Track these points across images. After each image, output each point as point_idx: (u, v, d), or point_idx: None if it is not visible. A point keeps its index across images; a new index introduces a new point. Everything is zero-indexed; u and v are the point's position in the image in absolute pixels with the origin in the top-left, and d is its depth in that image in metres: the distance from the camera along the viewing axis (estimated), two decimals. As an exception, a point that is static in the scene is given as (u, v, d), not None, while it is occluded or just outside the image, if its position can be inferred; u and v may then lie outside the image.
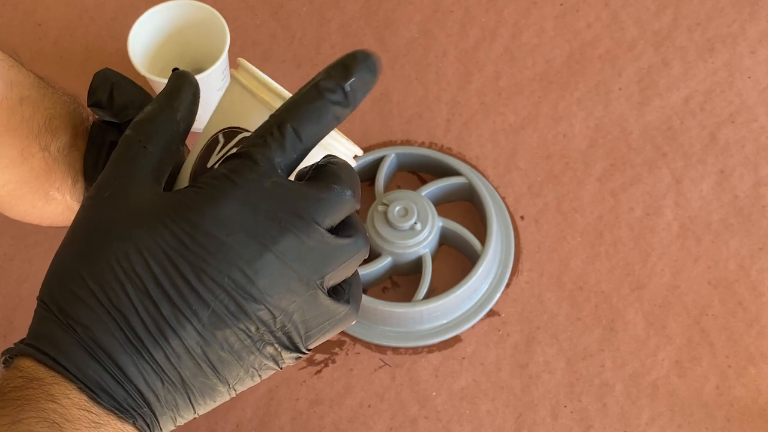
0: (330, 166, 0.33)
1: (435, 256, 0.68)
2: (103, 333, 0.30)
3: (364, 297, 0.64)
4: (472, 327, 0.65)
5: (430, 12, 0.80)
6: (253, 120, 0.35)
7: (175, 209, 0.31)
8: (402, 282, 0.68)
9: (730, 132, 0.72)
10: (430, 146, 0.73)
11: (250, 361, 0.32)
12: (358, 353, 0.65)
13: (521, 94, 0.75)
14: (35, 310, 0.32)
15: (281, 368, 0.34)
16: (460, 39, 0.78)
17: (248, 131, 0.35)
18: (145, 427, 0.31)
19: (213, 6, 0.70)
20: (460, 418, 0.62)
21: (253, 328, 0.31)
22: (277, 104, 0.34)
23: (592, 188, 0.70)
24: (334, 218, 0.32)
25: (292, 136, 0.31)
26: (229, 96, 0.37)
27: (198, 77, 0.66)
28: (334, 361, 0.65)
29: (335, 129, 0.34)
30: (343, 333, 0.66)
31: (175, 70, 0.38)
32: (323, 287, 0.32)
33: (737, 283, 0.65)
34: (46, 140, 0.43)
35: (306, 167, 0.33)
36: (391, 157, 0.70)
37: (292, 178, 0.33)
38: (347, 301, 0.34)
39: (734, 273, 0.66)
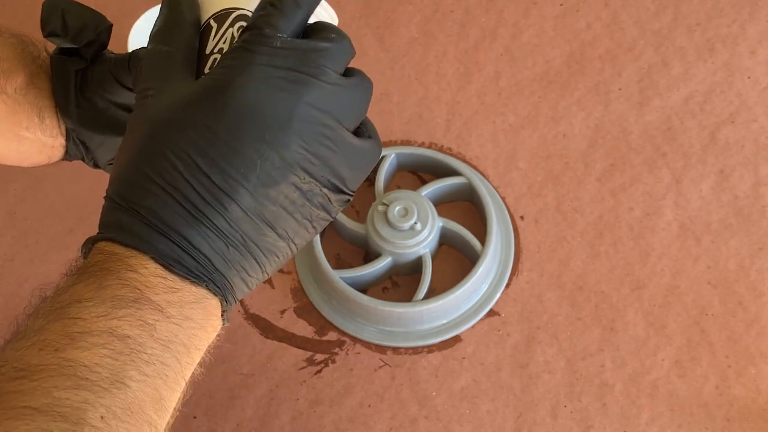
0: (320, 23, 0.36)
1: (435, 256, 0.68)
2: (167, 211, 0.33)
3: (364, 297, 0.64)
4: (472, 327, 0.65)
5: (430, 12, 0.80)
6: None
7: (208, 89, 0.34)
8: (402, 282, 0.68)
9: (730, 132, 0.72)
10: (430, 146, 0.73)
11: (303, 212, 0.35)
12: (358, 353, 0.65)
13: (521, 94, 0.75)
14: (103, 207, 0.35)
15: (333, 217, 0.37)
16: (460, 39, 0.78)
17: (239, 8, 0.38)
18: (218, 290, 0.34)
19: None
20: (460, 418, 0.62)
21: (299, 180, 0.34)
22: None
23: (592, 188, 0.70)
24: (342, 63, 0.35)
25: (290, 3, 0.35)
26: None
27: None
28: (334, 361, 0.65)
29: None
30: (343, 333, 0.66)
31: None
32: (348, 129, 0.36)
33: (737, 283, 0.65)
34: (0, 84, 0.45)
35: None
36: (391, 157, 0.70)
37: None
38: (369, 137, 0.37)
39: (734, 273, 0.66)
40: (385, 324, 0.65)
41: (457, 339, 0.65)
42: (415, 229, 0.65)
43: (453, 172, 0.70)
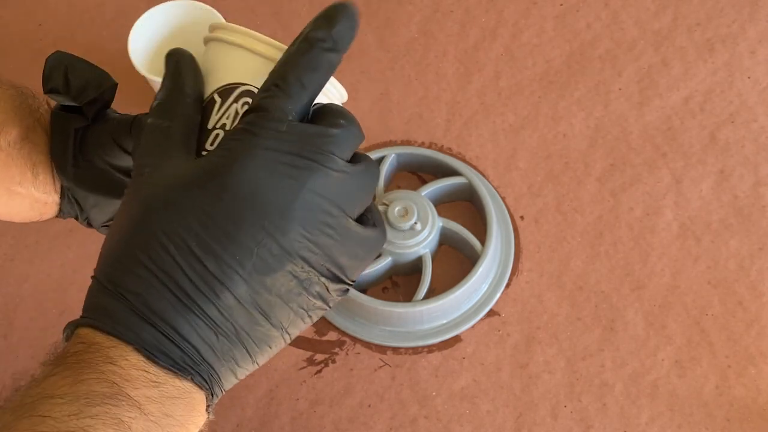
0: (328, 106, 0.35)
1: (435, 256, 0.68)
2: (155, 297, 0.31)
3: (364, 297, 0.64)
4: (472, 327, 0.65)
5: (430, 12, 0.80)
6: (246, 72, 0.37)
7: (207, 172, 0.33)
8: (402, 282, 0.68)
9: (730, 132, 0.72)
10: (430, 146, 0.73)
11: (299, 301, 0.34)
12: (358, 353, 0.65)
13: (521, 94, 0.75)
14: (89, 288, 0.34)
15: (330, 306, 0.35)
16: (460, 39, 0.78)
17: (244, 84, 0.37)
18: (204, 383, 0.32)
19: (213, 6, 0.70)
20: (460, 418, 0.62)
21: (297, 268, 0.33)
22: (268, 50, 0.36)
23: (592, 188, 0.70)
24: (349, 150, 0.34)
25: (296, 85, 0.34)
26: (213, 57, 0.38)
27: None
28: (334, 361, 0.65)
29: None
30: (343, 333, 0.66)
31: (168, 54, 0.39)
32: (352, 217, 0.35)
33: (737, 283, 0.65)
34: None
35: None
36: (391, 157, 0.70)
37: None
38: (374, 225, 0.36)
39: (734, 273, 0.66)
40: (385, 324, 0.65)
41: (457, 339, 0.65)
42: (415, 229, 0.65)
43: (453, 172, 0.70)
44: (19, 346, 0.66)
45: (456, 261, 0.68)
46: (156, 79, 0.66)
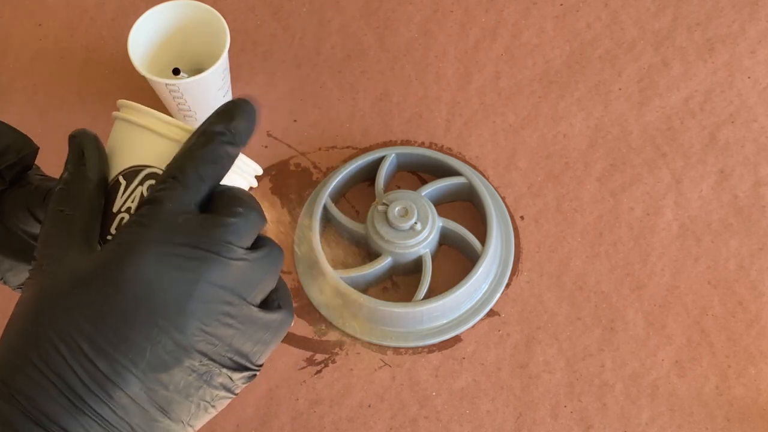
0: (229, 191, 0.34)
1: (435, 256, 0.68)
2: (45, 399, 0.30)
3: (365, 297, 0.64)
4: (472, 327, 0.65)
5: (430, 12, 0.80)
6: (151, 154, 0.36)
7: (99, 267, 0.32)
8: (402, 282, 0.68)
9: (730, 132, 0.72)
10: (430, 146, 0.73)
11: (201, 395, 0.33)
12: (358, 353, 0.65)
13: (521, 94, 0.75)
14: None
15: (236, 394, 0.34)
16: (460, 39, 0.78)
17: (149, 166, 0.36)
18: None
19: (213, 6, 0.70)
20: (460, 418, 0.62)
21: (196, 363, 0.32)
22: (173, 132, 0.35)
23: (592, 188, 0.70)
24: (248, 237, 0.33)
25: (194, 176, 0.33)
26: (119, 137, 0.37)
27: (198, 77, 0.66)
28: (334, 361, 0.65)
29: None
30: (343, 333, 0.66)
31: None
32: (254, 303, 0.33)
33: (737, 283, 0.65)
34: None
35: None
36: (391, 157, 0.70)
37: None
38: (279, 308, 0.35)
39: (734, 273, 0.66)
40: (385, 324, 0.65)
41: (457, 339, 0.65)
42: (415, 229, 0.65)
43: (453, 172, 0.70)
44: (19, 346, 0.66)
45: (456, 261, 0.68)
46: (156, 79, 0.66)
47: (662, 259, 0.67)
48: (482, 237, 0.66)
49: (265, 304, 0.35)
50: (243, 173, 0.37)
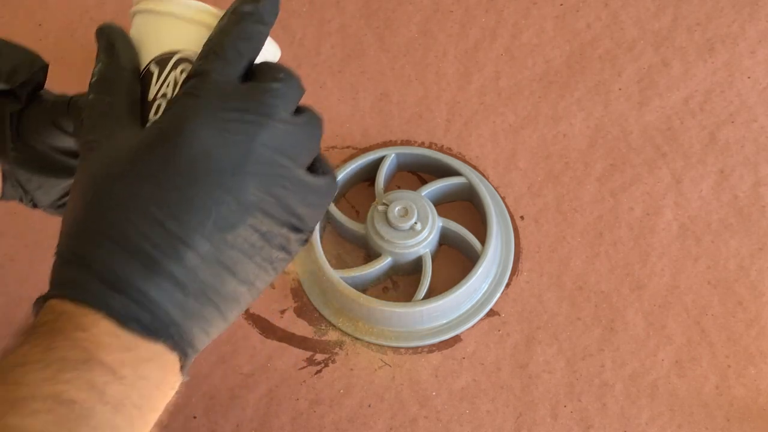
0: (266, 63, 0.36)
1: (435, 256, 0.68)
2: (120, 264, 0.32)
3: (365, 297, 0.64)
4: (472, 327, 0.65)
5: (430, 12, 0.80)
6: (180, 39, 0.37)
7: (157, 138, 0.33)
8: (402, 282, 0.68)
9: (729, 132, 0.72)
10: (430, 146, 0.73)
11: (263, 254, 0.34)
12: (358, 353, 0.65)
13: (521, 94, 0.75)
14: (53, 265, 0.34)
15: (292, 256, 0.36)
16: (460, 39, 0.78)
17: (179, 50, 0.37)
18: (176, 345, 0.33)
19: (213, 6, 0.70)
20: (460, 418, 0.62)
21: (257, 222, 0.33)
22: (199, 16, 0.37)
23: (592, 188, 0.70)
24: (293, 102, 0.35)
25: (233, 51, 0.34)
26: (143, 30, 0.38)
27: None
28: (334, 361, 0.65)
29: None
30: (343, 333, 0.66)
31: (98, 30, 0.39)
32: (302, 167, 0.35)
33: (737, 283, 0.65)
34: None
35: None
36: (391, 157, 0.70)
37: None
38: (324, 173, 0.37)
39: (734, 273, 0.66)
40: (385, 324, 0.65)
41: (457, 339, 0.65)
42: (415, 229, 0.65)
43: (453, 172, 0.70)
44: (19, 346, 0.66)
45: (456, 261, 0.68)
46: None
47: (662, 259, 0.67)
48: (482, 237, 0.66)
49: (311, 170, 0.36)
50: (267, 55, 0.38)
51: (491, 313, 0.66)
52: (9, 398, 0.29)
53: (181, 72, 0.36)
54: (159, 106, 0.36)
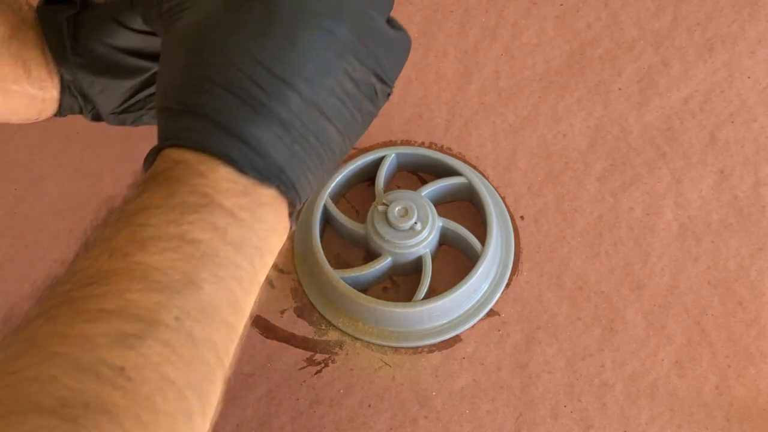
0: None
1: (435, 256, 0.68)
2: (232, 109, 0.33)
3: (364, 297, 0.64)
4: (472, 327, 0.65)
5: (430, 12, 0.80)
6: None
7: None
8: (402, 282, 0.68)
9: (729, 132, 0.72)
10: (430, 146, 0.73)
11: (355, 103, 0.36)
12: (358, 353, 0.65)
13: (521, 94, 0.75)
14: (159, 119, 0.35)
15: (378, 109, 0.37)
16: (460, 39, 0.78)
17: None
18: (287, 190, 0.34)
19: None
20: (460, 418, 0.62)
21: (350, 68, 0.35)
22: None
23: (592, 188, 0.70)
24: None
25: None
26: None
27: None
28: (334, 361, 0.65)
29: None
30: (343, 333, 0.66)
31: None
32: (384, 19, 0.37)
33: (737, 283, 0.65)
34: None
35: None
36: (391, 157, 0.70)
37: None
38: (400, 29, 0.38)
39: (734, 273, 0.66)
40: (385, 324, 0.65)
41: (457, 339, 0.65)
42: (415, 229, 0.65)
43: (453, 172, 0.70)
44: (19, 346, 0.66)
45: (456, 261, 0.68)
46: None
47: (662, 259, 0.67)
48: (482, 237, 0.66)
49: (390, 25, 0.38)
50: None
51: (491, 313, 0.66)
52: (136, 239, 0.30)
53: None
54: None
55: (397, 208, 0.65)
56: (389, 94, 0.38)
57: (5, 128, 0.77)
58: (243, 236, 0.32)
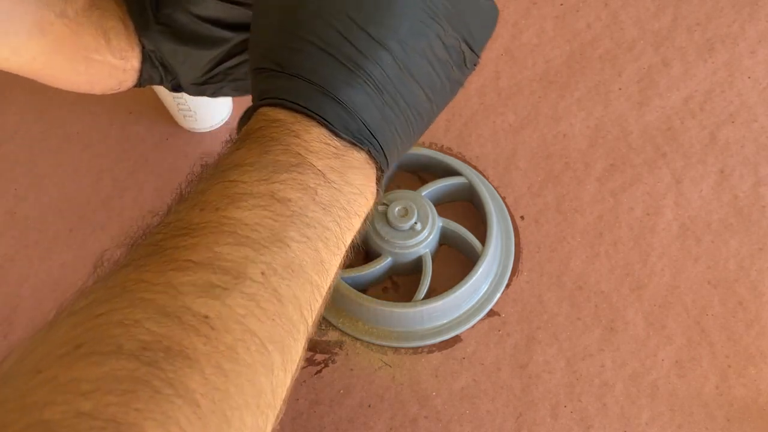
0: None
1: (435, 256, 0.68)
2: (328, 70, 0.33)
3: (364, 297, 0.64)
4: (472, 327, 0.65)
5: (430, 12, 0.80)
6: None
7: None
8: (402, 282, 0.68)
9: (730, 132, 0.72)
10: (430, 146, 0.73)
11: (445, 70, 0.35)
12: (358, 353, 0.65)
13: (521, 94, 0.75)
14: (252, 83, 0.35)
15: (465, 78, 0.37)
16: (460, 39, 0.78)
17: None
18: (377, 155, 0.34)
19: None
20: (460, 418, 0.62)
21: (443, 33, 0.34)
22: None
23: (592, 188, 0.70)
24: None
25: None
26: None
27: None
28: (334, 361, 0.65)
29: None
30: (343, 333, 0.66)
31: None
32: None
33: (737, 283, 0.65)
34: (60, 6, 0.43)
35: None
36: (391, 157, 0.70)
37: None
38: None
39: (734, 273, 0.66)
40: (385, 324, 0.65)
41: (457, 339, 0.65)
42: (415, 229, 0.65)
43: (453, 172, 0.70)
44: (19, 346, 0.66)
45: (456, 261, 0.68)
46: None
47: (662, 259, 0.67)
48: (482, 237, 0.66)
49: None
50: None
51: (491, 313, 0.66)
52: (228, 194, 0.31)
53: None
54: None
55: (397, 208, 0.65)
56: (476, 65, 0.38)
57: (5, 128, 0.77)
58: (332, 197, 0.33)
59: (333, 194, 0.33)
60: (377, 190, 0.36)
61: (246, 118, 0.35)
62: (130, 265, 0.29)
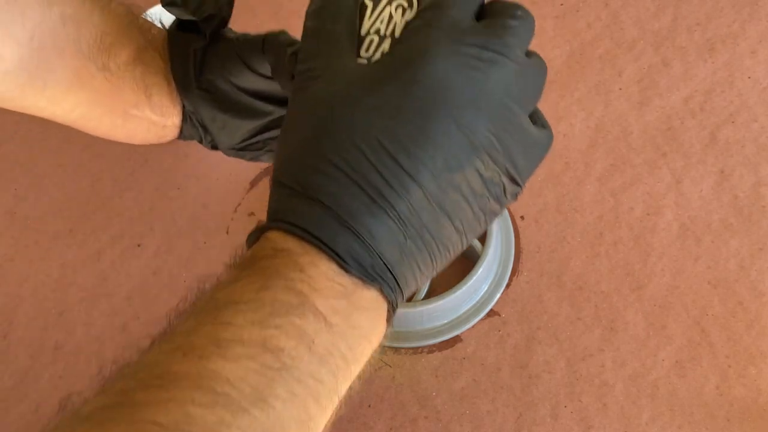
0: (500, 1, 0.34)
1: (435, 256, 0.68)
2: (349, 198, 0.30)
3: (364, 297, 0.64)
4: (472, 327, 0.65)
5: (430, 12, 0.80)
6: None
7: (392, 67, 0.32)
8: (402, 282, 0.68)
9: (730, 132, 0.72)
10: (430, 146, 0.73)
11: (480, 203, 0.33)
12: (358, 353, 0.65)
13: (521, 94, 0.75)
14: (271, 194, 0.32)
15: (502, 210, 0.34)
16: (460, 39, 0.78)
17: None
18: (390, 292, 0.32)
19: (213, 6, 0.70)
20: (460, 418, 0.62)
21: (483, 166, 0.32)
22: None
23: (592, 188, 0.70)
24: (527, 42, 0.33)
25: None
26: None
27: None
28: (334, 361, 0.65)
29: None
30: (343, 333, 0.66)
31: None
32: (526, 114, 0.33)
33: (737, 283, 0.65)
34: (102, 59, 0.42)
35: None
36: (391, 157, 0.70)
37: None
38: (543, 126, 0.35)
39: (734, 273, 0.66)
40: (385, 324, 0.65)
41: (457, 339, 0.65)
42: (415, 229, 0.65)
43: (453, 172, 0.69)
44: (19, 346, 0.66)
45: (456, 261, 0.68)
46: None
47: (662, 259, 0.67)
48: (482, 237, 0.66)
49: (531, 121, 0.34)
50: None
51: (491, 313, 0.66)
52: (216, 338, 0.28)
53: (396, 8, 0.34)
54: (371, 42, 0.34)
55: (397, 208, 0.65)
56: (518, 195, 0.34)
57: (5, 128, 0.77)
58: (331, 344, 0.30)
59: (333, 341, 0.30)
60: (388, 326, 0.33)
61: (254, 238, 0.32)
62: (92, 418, 0.27)
